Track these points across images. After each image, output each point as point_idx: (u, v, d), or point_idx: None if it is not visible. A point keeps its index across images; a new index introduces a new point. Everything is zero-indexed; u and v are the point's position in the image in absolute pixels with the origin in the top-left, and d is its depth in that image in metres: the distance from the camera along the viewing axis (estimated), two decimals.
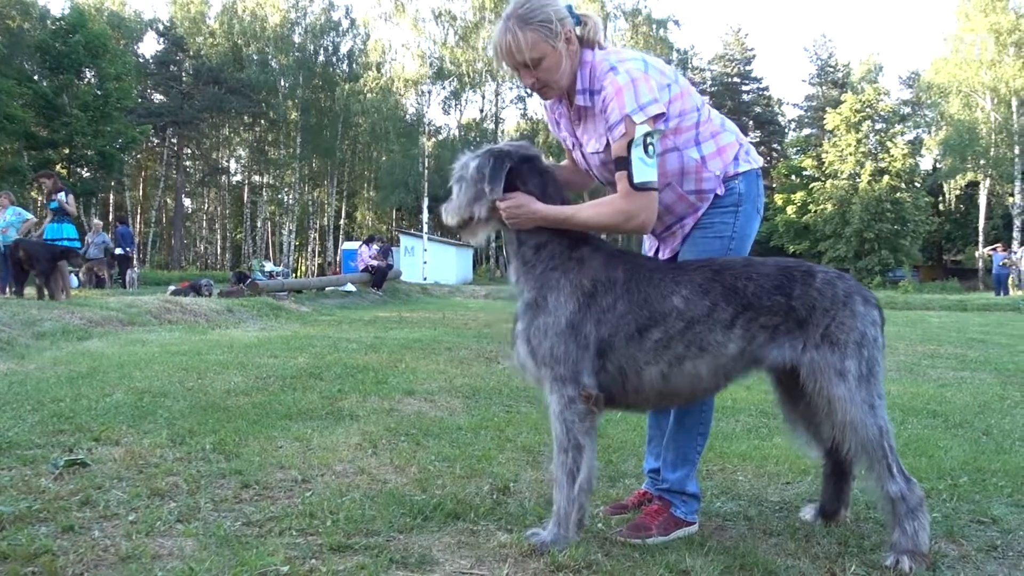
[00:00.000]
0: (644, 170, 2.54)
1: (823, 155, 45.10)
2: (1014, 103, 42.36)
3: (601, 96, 2.62)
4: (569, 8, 2.69)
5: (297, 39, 45.87)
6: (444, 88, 48.44)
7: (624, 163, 2.55)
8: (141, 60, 45.68)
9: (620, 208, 2.59)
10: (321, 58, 46.59)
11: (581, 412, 2.55)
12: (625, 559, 2.53)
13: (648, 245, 3.10)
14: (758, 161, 2.90)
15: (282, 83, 45.59)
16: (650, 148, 2.55)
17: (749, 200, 2.84)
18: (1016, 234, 40.18)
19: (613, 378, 2.58)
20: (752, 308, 2.56)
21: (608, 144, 2.65)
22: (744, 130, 59.20)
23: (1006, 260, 27.66)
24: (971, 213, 48.32)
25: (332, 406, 5.01)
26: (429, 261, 34.26)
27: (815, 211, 44.40)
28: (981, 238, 44.19)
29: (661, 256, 2.98)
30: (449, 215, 2.79)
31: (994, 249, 30.25)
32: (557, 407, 2.57)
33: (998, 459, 3.99)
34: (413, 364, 7.12)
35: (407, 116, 48.75)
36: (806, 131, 55.83)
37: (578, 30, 2.69)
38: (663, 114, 2.59)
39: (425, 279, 31.20)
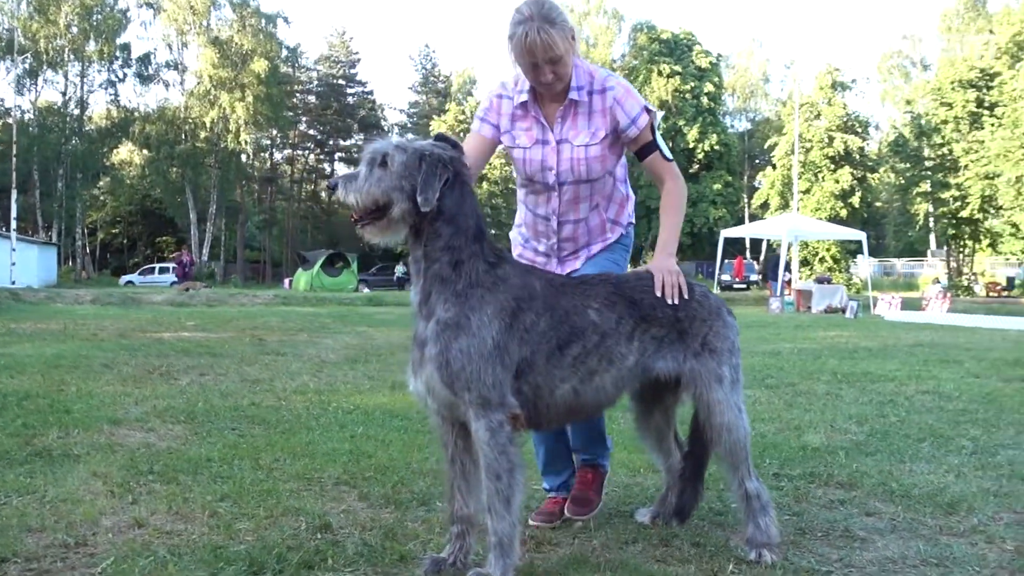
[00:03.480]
0: (666, 146, 3.02)
1: None
2: None
3: (610, 95, 2.96)
4: None
5: None
6: (16, 65, 42.51)
7: (652, 145, 2.99)
8: None
9: (677, 186, 3.03)
10: None
11: (511, 435, 2.42)
12: None
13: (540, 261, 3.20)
14: None
15: None
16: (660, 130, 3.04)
17: (632, 245, 3.33)
18: None
19: (527, 398, 2.48)
20: (647, 320, 2.66)
21: (604, 136, 2.99)
22: (348, 133, 60.27)
23: None
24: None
25: (29, 445, 4.17)
26: (16, 262, 29.88)
27: None
28: None
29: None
30: (353, 194, 2.45)
31: None
32: (486, 434, 2.40)
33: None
34: (84, 387, 6.17)
35: None
36: (410, 136, 57.86)
37: None
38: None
39: (14, 283, 27.16)
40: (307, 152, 61.48)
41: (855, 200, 42.30)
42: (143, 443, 4.35)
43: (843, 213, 40.99)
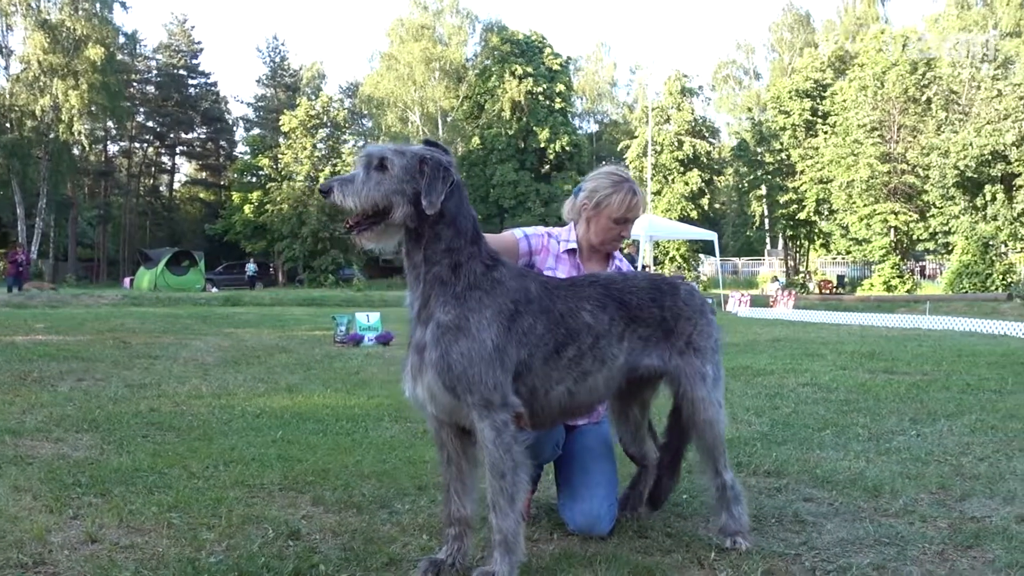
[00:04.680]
0: None
1: (280, 156, 45.72)
2: (439, 119, 48.17)
3: (620, 263, 3.39)
4: None
5: None
6: None
7: None
8: None
9: None
10: None
11: (515, 434, 2.43)
12: None
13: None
14: None
15: None
16: None
17: None
18: None
19: (523, 399, 2.49)
20: (636, 320, 2.73)
21: None
22: (190, 126, 57.72)
23: None
24: None
25: None
26: None
27: (272, 211, 44.87)
28: None
29: None
30: (351, 198, 2.38)
31: None
32: (491, 433, 2.40)
33: None
34: None
35: None
36: (258, 131, 55.69)
37: None
38: None
39: None
40: (146, 145, 58.43)
41: (705, 201, 44.36)
42: (56, 454, 4.08)
43: (693, 214, 42.82)
